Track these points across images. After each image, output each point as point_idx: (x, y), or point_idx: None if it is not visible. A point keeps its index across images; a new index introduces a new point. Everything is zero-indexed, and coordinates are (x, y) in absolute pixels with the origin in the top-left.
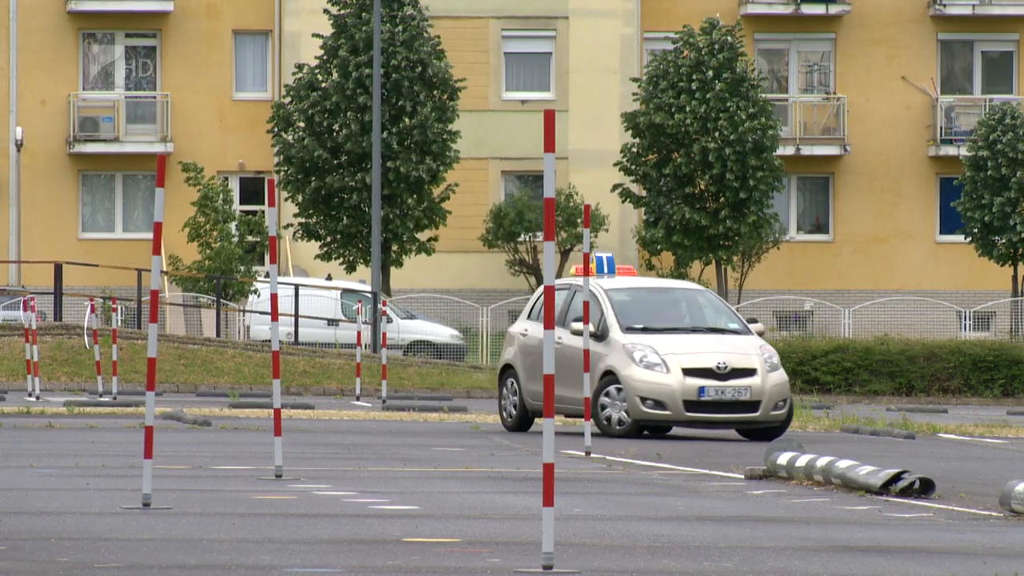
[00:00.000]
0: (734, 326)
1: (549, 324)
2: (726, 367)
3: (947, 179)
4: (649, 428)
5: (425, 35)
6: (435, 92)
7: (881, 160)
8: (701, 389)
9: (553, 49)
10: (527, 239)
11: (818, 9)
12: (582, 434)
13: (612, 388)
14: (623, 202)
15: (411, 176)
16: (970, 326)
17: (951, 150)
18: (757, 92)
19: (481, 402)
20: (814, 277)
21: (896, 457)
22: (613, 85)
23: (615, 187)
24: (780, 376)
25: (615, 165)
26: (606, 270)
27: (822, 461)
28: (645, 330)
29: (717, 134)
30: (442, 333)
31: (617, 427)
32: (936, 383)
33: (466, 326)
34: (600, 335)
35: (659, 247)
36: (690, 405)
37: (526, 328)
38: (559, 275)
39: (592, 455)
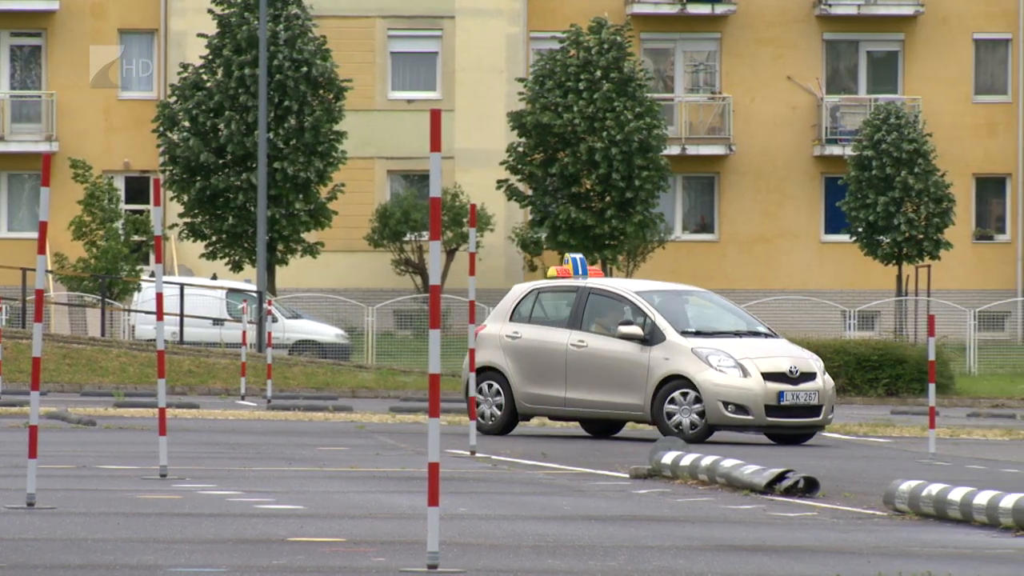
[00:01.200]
0: (763, 330)
1: (435, 323)
2: (797, 371)
3: (832, 179)
4: (722, 431)
5: (310, 35)
6: (321, 92)
7: (766, 160)
8: (781, 394)
9: (439, 49)
10: (413, 239)
11: (704, 9)
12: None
13: (678, 393)
14: (509, 201)
15: (298, 178)
16: (855, 325)
17: (836, 150)
18: (644, 92)
19: (367, 402)
20: (699, 277)
21: (781, 456)
22: (499, 85)
23: (500, 184)
24: (830, 380)
25: (501, 164)
26: (580, 271)
27: (707, 460)
28: (698, 334)
29: (604, 134)
30: (327, 332)
31: (690, 431)
32: None
33: (351, 325)
34: (649, 339)
35: (544, 246)
36: (770, 410)
37: (515, 330)
38: (444, 275)
39: (477, 455)
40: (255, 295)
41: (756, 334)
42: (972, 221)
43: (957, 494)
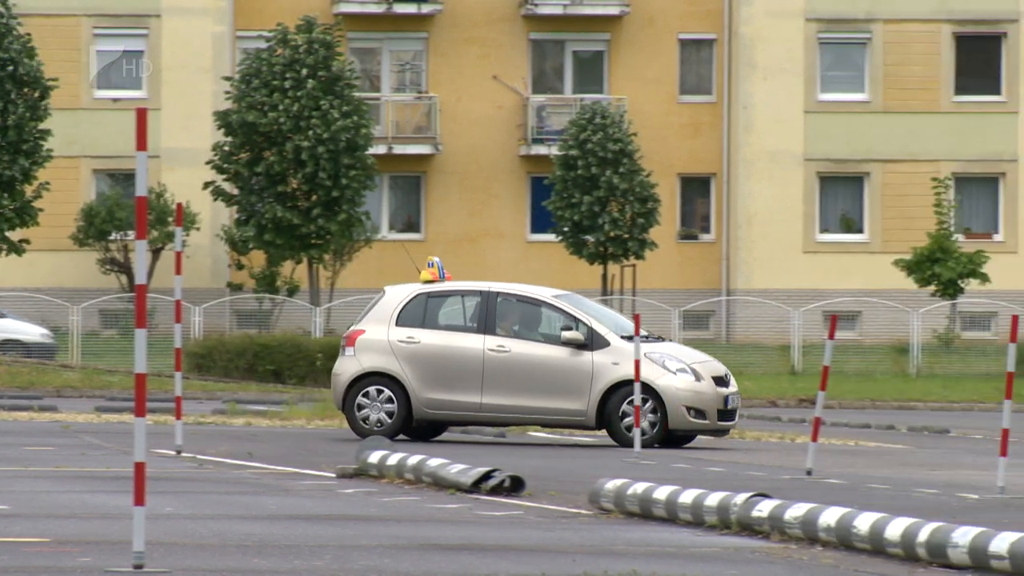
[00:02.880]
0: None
1: (141, 323)
2: (729, 376)
3: (538, 178)
4: (677, 439)
5: (15, 32)
6: (26, 90)
7: (473, 159)
8: (727, 398)
9: (146, 47)
10: (118, 238)
11: (410, 8)
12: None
13: (644, 400)
14: (215, 200)
15: (3, 176)
16: None
17: (542, 149)
18: (351, 91)
19: (72, 401)
20: (406, 276)
21: (487, 455)
22: (206, 84)
23: (207, 185)
24: None
25: (207, 163)
26: (440, 275)
27: (413, 460)
28: (630, 339)
29: (310, 132)
30: (32, 332)
31: (643, 436)
32: None
33: (56, 325)
34: (590, 344)
35: (250, 246)
36: (720, 414)
37: (410, 335)
38: (150, 275)
39: (183, 454)
40: None
41: (659, 339)
42: (677, 220)
43: (662, 493)
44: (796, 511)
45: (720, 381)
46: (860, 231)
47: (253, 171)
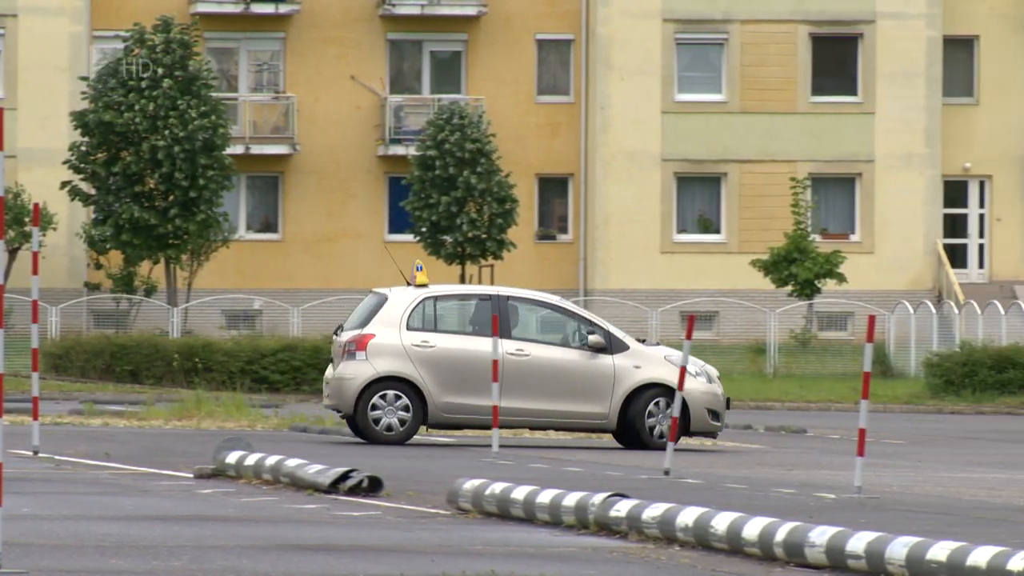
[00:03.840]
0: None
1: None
2: (719, 377)
3: (396, 178)
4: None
5: None
6: None
7: (331, 159)
8: (728, 400)
9: (2, 47)
10: None
11: (267, 8)
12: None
13: (662, 400)
14: (72, 200)
15: None
16: None
17: (400, 150)
18: (208, 91)
19: None
20: (264, 276)
21: (345, 456)
22: (62, 83)
23: (64, 185)
24: None
25: (64, 163)
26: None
27: (271, 460)
28: (644, 342)
29: (167, 132)
30: None
31: (659, 439)
32: None
33: None
34: (609, 348)
35: (108, 246)
36: (721, 415)
37: (424, 339)
38: (7, 275)
39: (40, 454)
40: None
41: (657, 343)
42: (535, 221)
43: (520, 492)
44: (654, 511)
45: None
46: (717, 231)
47: (110, 171)
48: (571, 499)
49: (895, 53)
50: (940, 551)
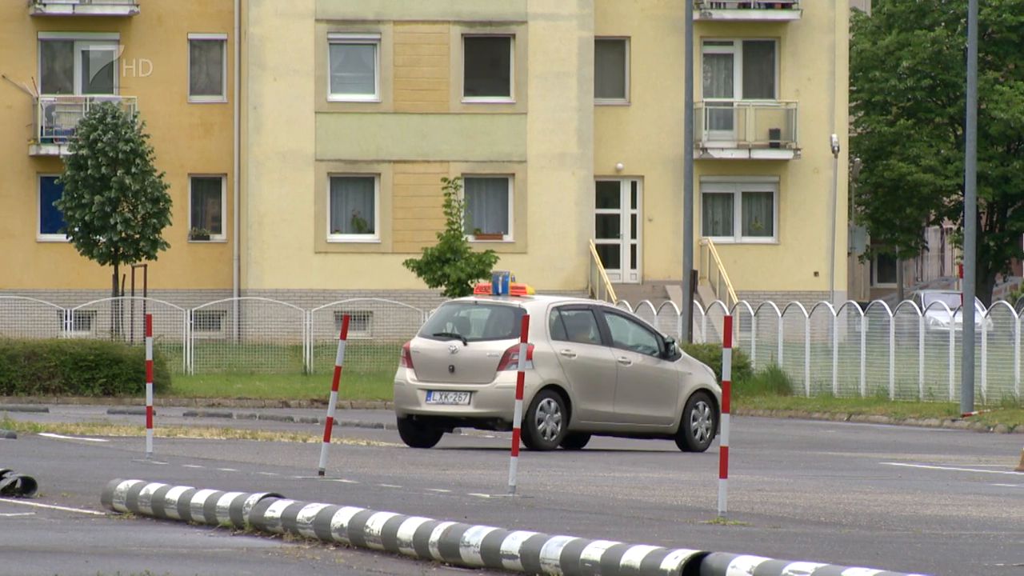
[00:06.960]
0: None
1: None
2: None
3: (48, 178)
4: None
5: None
6: None
7: None
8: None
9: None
10: None
11: None
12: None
13: (703, 405)
14: None
15: None
16: (71, 325)
17: (52, 149)
18: None
19: None
20: None
21: (0, 456)
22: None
23: None
24: None
25: None
26: (500, 289)
27: None
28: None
29: None
30: None
31: (700, 441)
32: (37, 382)
33: None
34: (667, 355)
35: None
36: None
37: (567, 348)
38: None
39: None
40: None
41: None
42: (189, 221)
43: (175, 493)
44: (309, 511)
45: None
46: (371, 231)
47: None
48: (226, 499)
49: (547, 54)
50: (594, 550)
